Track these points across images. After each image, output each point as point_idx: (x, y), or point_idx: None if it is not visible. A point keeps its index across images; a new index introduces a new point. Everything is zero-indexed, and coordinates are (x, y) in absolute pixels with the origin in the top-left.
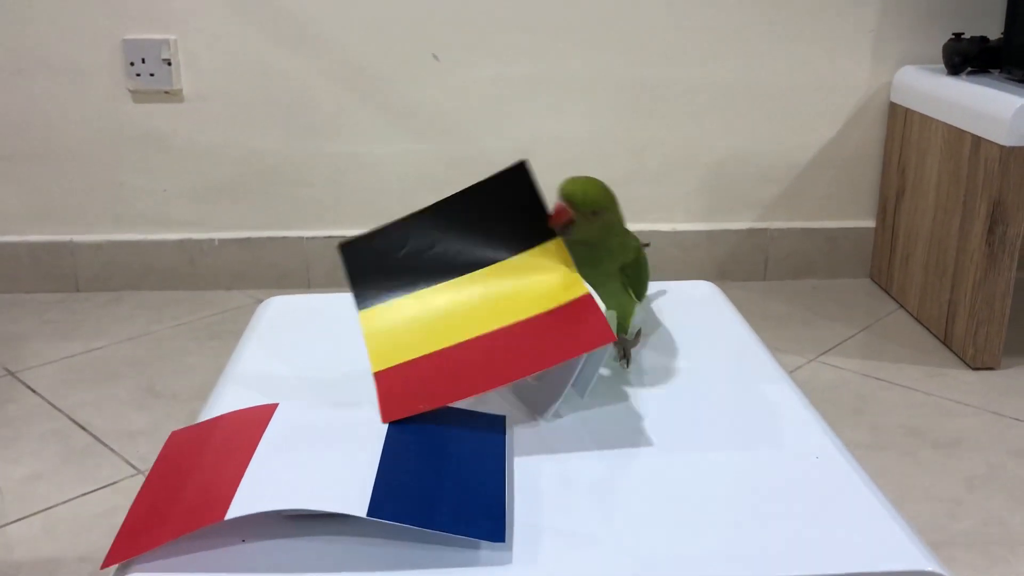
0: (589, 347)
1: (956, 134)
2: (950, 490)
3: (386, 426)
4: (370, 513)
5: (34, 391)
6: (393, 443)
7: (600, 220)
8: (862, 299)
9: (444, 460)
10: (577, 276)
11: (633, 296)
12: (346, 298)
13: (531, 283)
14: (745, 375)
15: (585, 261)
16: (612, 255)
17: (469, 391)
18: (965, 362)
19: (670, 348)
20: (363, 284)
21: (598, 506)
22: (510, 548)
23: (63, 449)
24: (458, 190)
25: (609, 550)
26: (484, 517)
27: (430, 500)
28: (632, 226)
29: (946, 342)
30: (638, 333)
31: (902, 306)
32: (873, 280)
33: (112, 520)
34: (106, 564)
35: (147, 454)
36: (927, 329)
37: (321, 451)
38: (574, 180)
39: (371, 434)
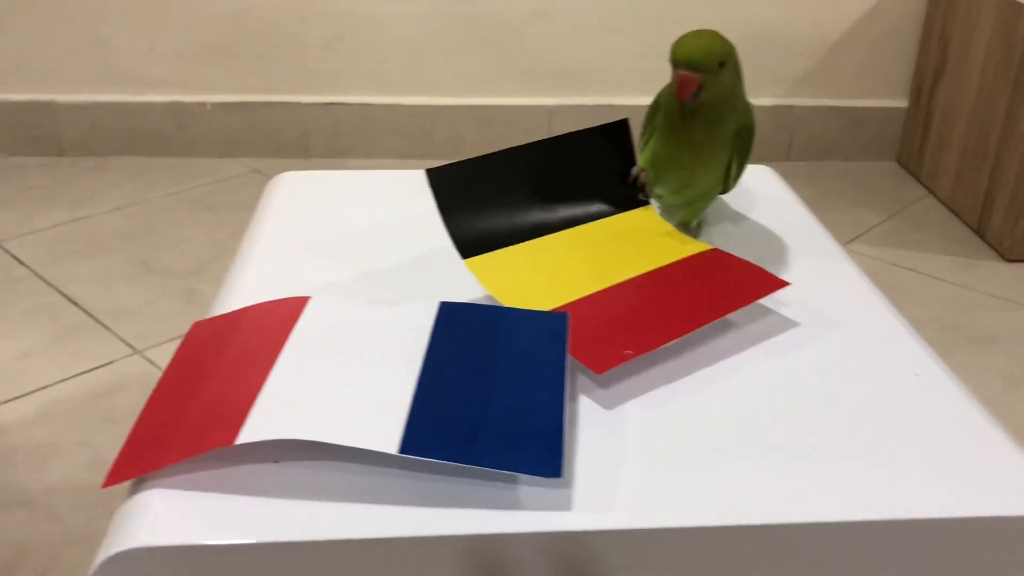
0: (764, 293)
1: (1012, 8)
2: (987, 389)
3: (428, 334)
4: (402, 449)
5: (20, 262)
6: (435, 356)
7: (727, 70)
8: (889, 184)
9: (493, 375)
10: (688, 237)
11: (733, 175)
12: (373, 175)
13: (642, 239)
14: (822, 277)
15: (706, 124)
16: (736, 113)
17: (670, 335)
18: (1000, 254)
19: (739, 244)
20: (457, 222)
21: (675, 433)
22: (569, 485)
23: (54, 325)
24: (549, 136)
25: (690, 487)
26: (537, 447)
27: (473, 428)
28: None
29: (980, 232)
30: (699, 224)
31: (932, 192)
32: (900, 164)
33: (108, 403)
34: (108, 483)
35: (143, 333)
36: (959, 218)
37: (352, 363)
38: (686, 40)
39: (412, 343)
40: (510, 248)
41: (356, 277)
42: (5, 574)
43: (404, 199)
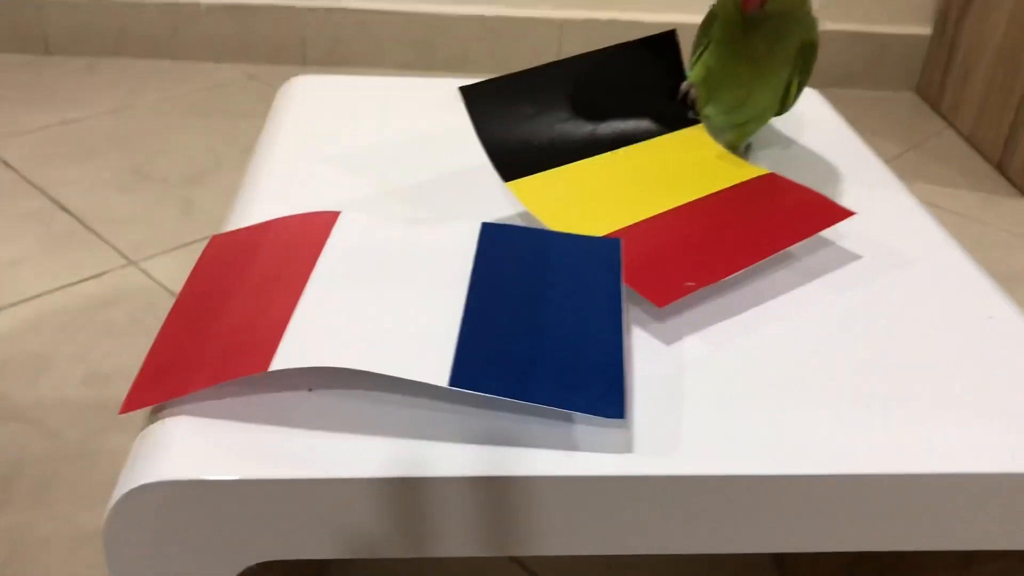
0: (828, 223)
1: None
2: None
3: (472, 257)
4: (452, 381)
5: (7, 164)
6: (481, 281)
7: None
8: (907, 114)
9: (544, 305)
10: (742, 160)
11: (792, 95)
12: (398, 82)
13: (694, 161)
14: (881, 208)
15: (768, 38)
16: (801, 26)
17: (732, 267)
18: (1021, 191)
19: (789, 170)
20: (495, 144)
21: (737, 373)
22: (628, 427)
23: (44, 232)
24: (591, 50)
25: (755, 432)
26: (596, 384)
27: (528, 362)
28: (671, 20)
29: (1001, 168)
30: (747, 147)
31: (951, 125)
32: (919, 94)
33: (103, 316)
34: (126, 408)
35: (138, 243)
36: (979, 152)
37: (391, 286)
38: None
39: (454, 267)
40: (553, 170)
41: (383, 193)
42: (2, 489)
43: (432, 109)
